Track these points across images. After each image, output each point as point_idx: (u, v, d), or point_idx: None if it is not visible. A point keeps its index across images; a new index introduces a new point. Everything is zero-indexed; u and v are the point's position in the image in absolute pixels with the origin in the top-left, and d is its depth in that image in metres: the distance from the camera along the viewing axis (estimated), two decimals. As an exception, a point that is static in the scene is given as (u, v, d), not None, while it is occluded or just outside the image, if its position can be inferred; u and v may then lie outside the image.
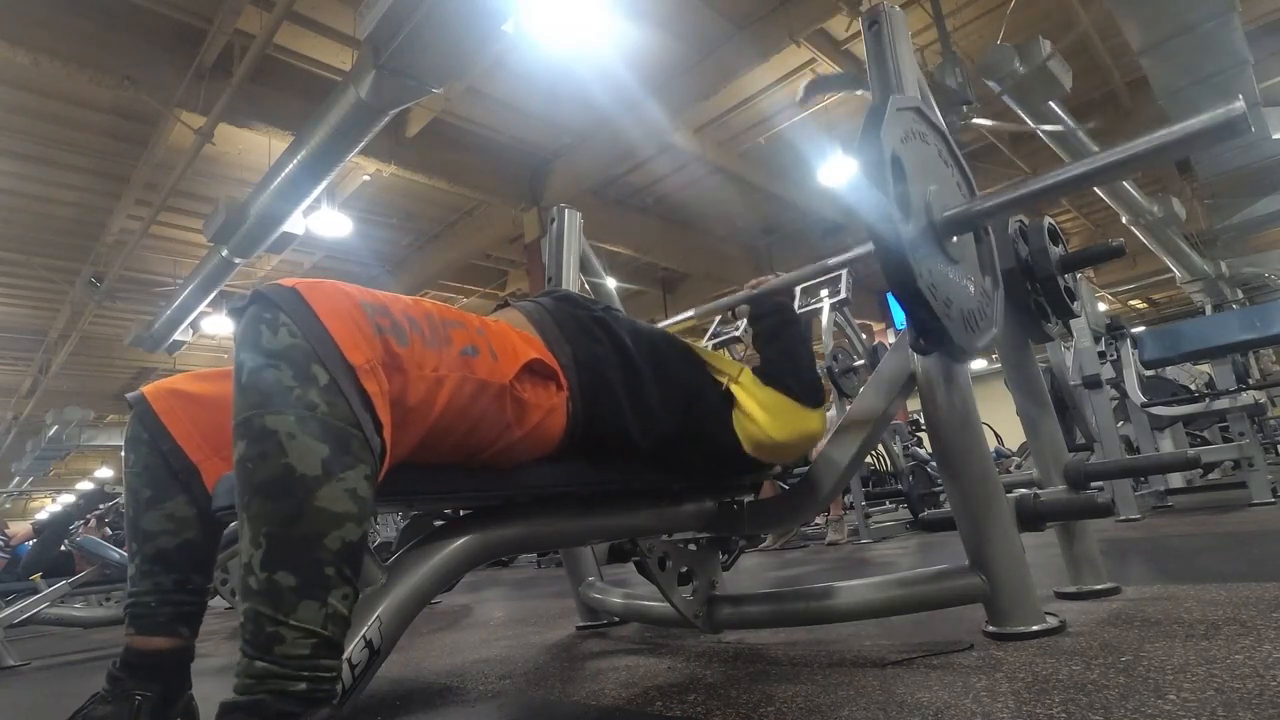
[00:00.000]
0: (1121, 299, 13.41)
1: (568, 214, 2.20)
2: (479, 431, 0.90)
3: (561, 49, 5.29)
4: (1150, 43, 4.75)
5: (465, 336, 0.88)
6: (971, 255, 1.33)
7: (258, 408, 0.70)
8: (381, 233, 8.39)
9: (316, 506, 0.69)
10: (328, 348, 0.73)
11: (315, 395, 0.70)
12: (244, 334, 0.73)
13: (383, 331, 0.78)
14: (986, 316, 1.32)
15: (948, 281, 1.19)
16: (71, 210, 7.04)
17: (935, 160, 1.30)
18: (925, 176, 1.23)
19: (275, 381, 0.70)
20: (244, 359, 0.72)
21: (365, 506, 0.72)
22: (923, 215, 1.19)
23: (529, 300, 1.19)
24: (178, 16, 4.92)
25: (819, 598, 1.39)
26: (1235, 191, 7.72)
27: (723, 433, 1.21)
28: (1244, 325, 3.68)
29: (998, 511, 1.27)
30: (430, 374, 0.82)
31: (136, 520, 0.97)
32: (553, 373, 1.00)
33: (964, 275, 1.26)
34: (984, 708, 0.87)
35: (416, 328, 0.83)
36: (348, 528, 0.70)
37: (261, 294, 0.74)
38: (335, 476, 0.70)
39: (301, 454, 0.69)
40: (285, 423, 0.69)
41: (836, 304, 4.62)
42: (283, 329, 0.71)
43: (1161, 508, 3.79)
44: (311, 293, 0.75)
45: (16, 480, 13.13)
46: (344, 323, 0.75)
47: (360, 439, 0.72)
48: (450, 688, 1.42)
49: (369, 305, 0.79)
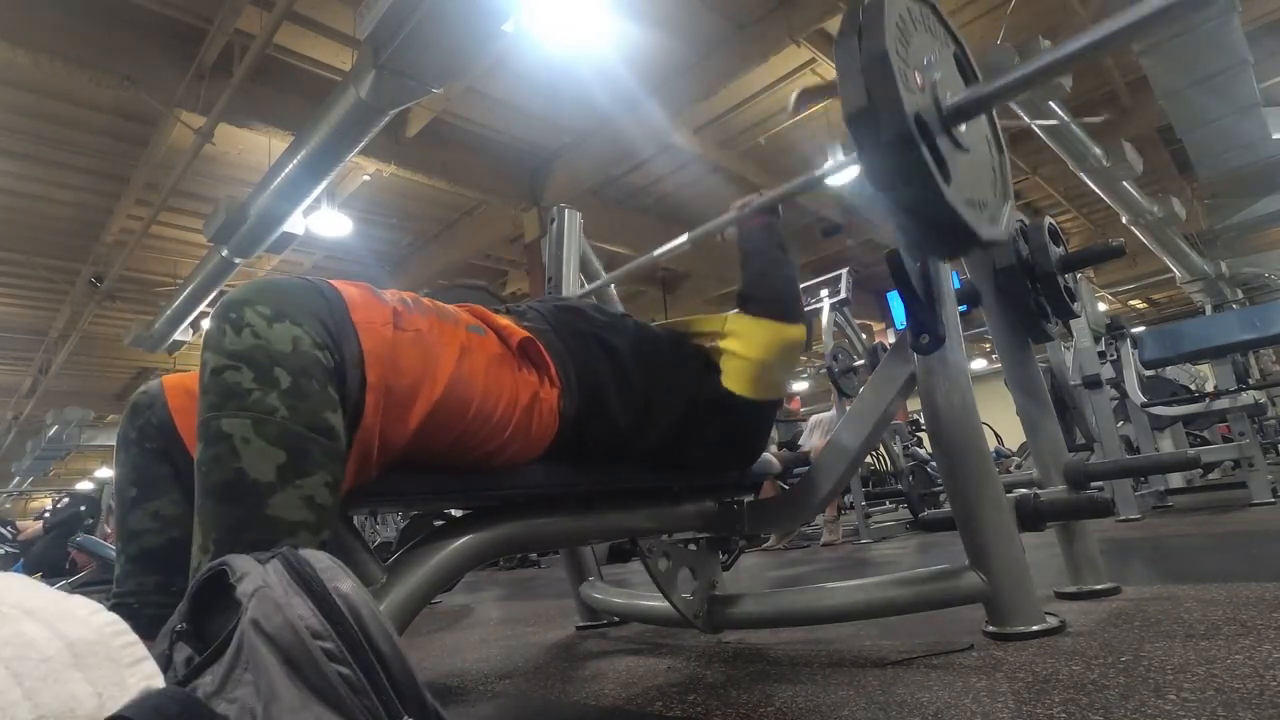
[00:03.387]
0: (1121, 299, 13.40)
1: (568, 214, 2.20)
2: (479, 416, 0.89)
3: (561, 49, 5.28)
4: (1150, 43, 4.75)
5: (470, 319, 0.95)
6: (980, 138, 1.27)
7: (215, 409, 0.69)
8: (381, 233, 8.39)
9: (268, 515, 0.67)
10: (336, 305, 0.76)
11: (275, 399, 0.69)
12: (209, 334, 0.73)
13: (389, 302, 0.83)
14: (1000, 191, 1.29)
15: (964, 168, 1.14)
16: (71, 210, 7.04)
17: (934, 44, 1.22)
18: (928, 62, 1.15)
19: (234, 383, 0.69)
20: (206, 359, 0.71)
21: (324, 514, 0.70)
22: (930, 101, 1.11)
23: (530, 307, 1.18)
24: (178, 16, 4.92)
25: (819, 598, 1.39)
26: (1235, 191, 7.71)
27: (714, 433, 1.22)
28: (1244, 325, 3.69)
29: (998, 511, 1.27)
30: (437, 338, 0.85)
31: (124, 519, 0.95)
32: (545, 364, 1.01)
33: (976, 160, 1.21)
34: (984, 708, 0.87)
35: (422, 307, 0.88)
36: (301, 536, 0.68)
37: (229, 296, 0.74)
38: (291, 483, 0.68)
39: (255, 459, 0.67)
40: (240, 426, 0.68)
41: (836, 304, 4.63)
42: (246, 329, 0.70)
43: (1161, 508, 3.79)
44: (322, 281, 0.80)
45: (16, 480, 13.13)
46: (352, 288, 0.80)
47: (324, 446, 0.71)
48: (450, 688, 1.42)
49: (375, 289, 0.84)
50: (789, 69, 6.15)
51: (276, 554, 0.52)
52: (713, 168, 7.48)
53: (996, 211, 1.24)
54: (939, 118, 1.11)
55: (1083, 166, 6.33)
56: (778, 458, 1.58)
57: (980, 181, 1.22)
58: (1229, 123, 5.49)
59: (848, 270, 4.72)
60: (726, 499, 1.45)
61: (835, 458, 1.41)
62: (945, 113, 1.12)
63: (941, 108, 1.12)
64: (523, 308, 1.14)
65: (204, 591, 0.53)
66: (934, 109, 1.10)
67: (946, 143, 1.10)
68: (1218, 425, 5.21)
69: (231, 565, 0.51)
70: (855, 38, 1.04)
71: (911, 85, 1.06)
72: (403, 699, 0.47)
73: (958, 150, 1.13)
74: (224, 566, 0.52)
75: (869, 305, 10.65)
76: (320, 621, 0.47)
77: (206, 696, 0.45)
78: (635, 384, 1.13)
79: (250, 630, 0.46)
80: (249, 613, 0.47)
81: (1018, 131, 6.69)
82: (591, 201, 7.52)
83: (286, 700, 0.44)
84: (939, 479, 3.56)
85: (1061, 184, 8.46)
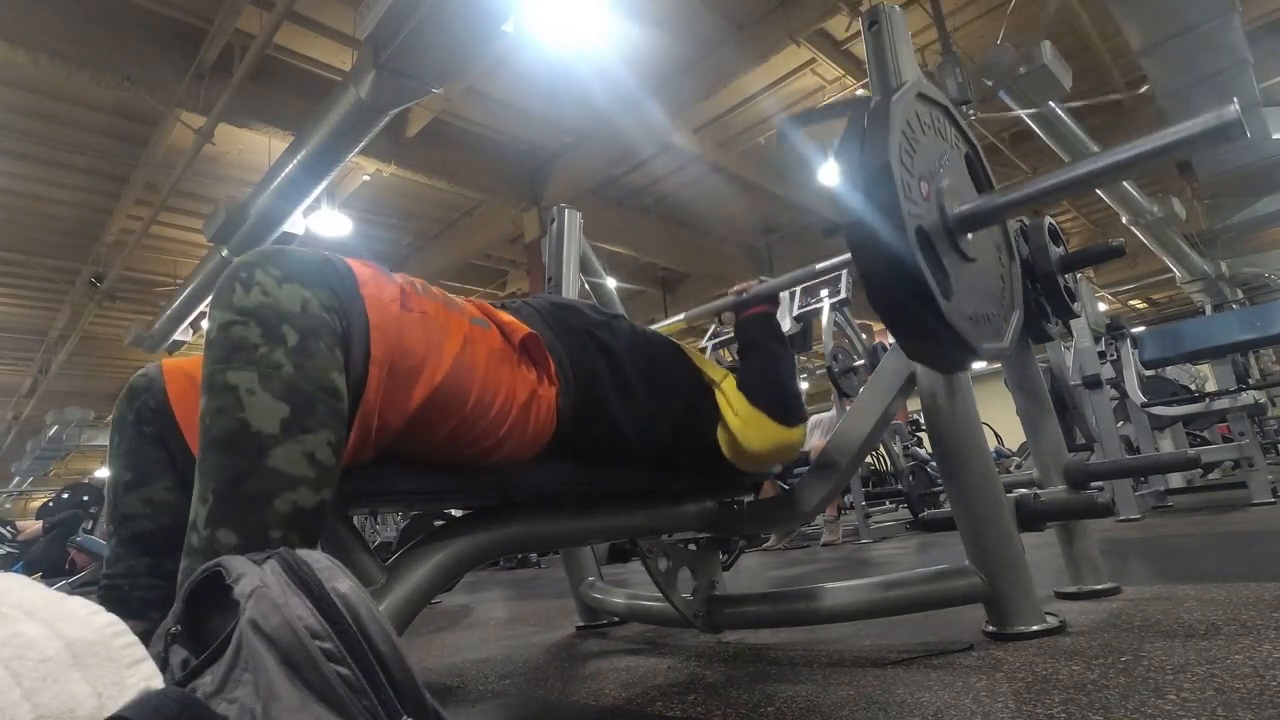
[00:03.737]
0: (1121, 299, 13.40)
1: (568, 214, 2.20)
2: (477, 408, 0.89)
3: (561, 49, 5.28)
4: (1150, 43, 4.75)
5: (476, 312, 0.96)
6: (989, 247, 1.22)
7: (221, 363, 0.69)
8: (381, 233, 8.38)
9: (269, 466, 0.67)
10: (346, 277, 0.77)
11: (281, 355, 0.69)
12: (218, 292, 0.72)
13: (397, 282, 0.84)
14: (1007, 302, 1.24)
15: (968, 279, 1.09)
16: (71, 210, 7.03)
17: (943, 149, 1.17)
18: (935, 169, 1.10)
19: (241, 338, 0.69)
20: (215, 315, 0.71)
21: (326, 474, 0.70)
22: (935, 212, 1.06)
23: (525, 303, 1.18)
24: (178, 16, 4.92)
25: (819, 598, 1.38)
26: (1235, 191, 7.72)
27: (710, 436, 1.23)
28: (1244, 325, 3.69)
29: (998, 511, 1.27)
30: (443, 324, 0.86)
31: (116, 503, 0.94)
32: (545, 362, 1.01)
33: (983, 269, 1.15)
34: (984, 708, 0.87)
35: (430, 292, 0.89)
36: (301, 491, 0.68)
37: (240, 260, 0.74)
38: (294, 437, 0.68)
39: (260, 411, 0.67)
40: (246, 379, 0.68)
41: (836, 304, 4.62)
42: (256, 287, 0.70)
43: (1161, 508, 3.79)
44: (334, 254, 0.81)
45: (16, 480, 13.13)
46: (363, 266, 0.82)
47: (329, 405, 0.70)
48: (450, 688, 1.42)
49: (384, 269, 0.86)
50: (789, 69, 6.15)
51: (273, 554, 0.52)
52: (713, 168, 7.48)
53: (1002, 324, 1.19)
54: (944, 229, 1.06)
55: (1083, 166, 6.32)
56: (778, 458, 1.57)
57: (986, 293, 1.16)
58: (1229, 123, 5.48)
59: (848, 270, 4.71)
60: (726, 499, 1.45)
61: (835, 458, 1.41)
62: (951, 222, 1.07)
63: (948, 217, 1.07)
64: (517, 304, 1.14)
65: (199, 592, 0.53)
66: (939, 219, 1.06)
67: (951, 253, 1.06)
68: (1218, 425, 5.22)
69: (227, 566, 0.51)
70: (858, 145, 1.01)
71: (915, 196, 1.01)
72: (402, 699, 0.47)
73: (963, 261, 1.09)
74: (219, 567, 0.52)
75: (869, 305, 10.63)
76: (319, 621, 0.47)
77: (206, 697, 0.45)
78: (633, 383, 1.13)
79: (249, 630, 0.46)
80: (247, 613, 0.47)
81: (1018, 131, 6.69)
82: (591, 201, 7.52)
83: (286, 700, 0.44)
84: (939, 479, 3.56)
85: (1061, 184, 8.44)
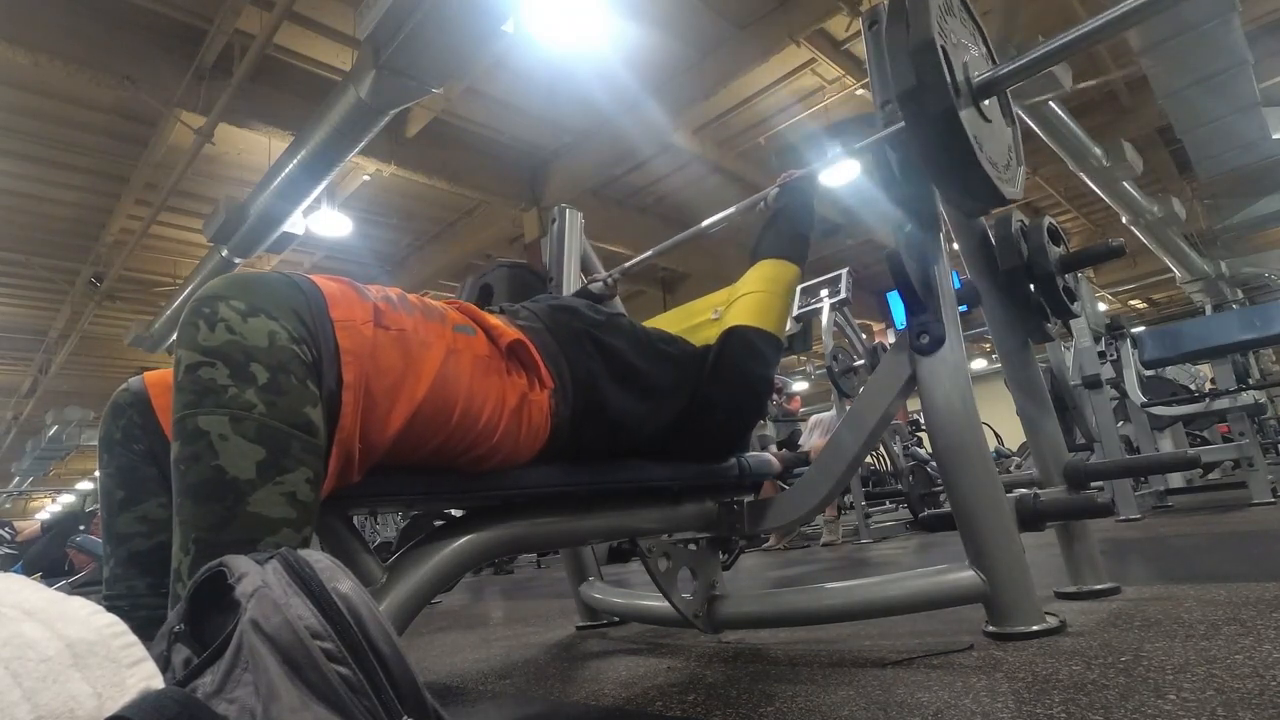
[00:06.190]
0: (1121, 299, 13.40)
1: (568, 214, 2.20)
2: (465, 420, 0.88)
3: (561, 49, 5.28)
4: (1150, 43, 4.75)
5: (460, 318, 0.93)
6: (998, 114, 1.47)
7: (191, 407, 0.67)
8: (381, 233, 8.39)
9: (249, 511, 0.66)
10: (315, 300, 0.74)
11: (252, 394, 0.67)
12: (182, 330, 0.70)
13: (371, 298, 0.81)
14: (1014, 158, 1.49)
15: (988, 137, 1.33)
16: (71, 210, 7.03)
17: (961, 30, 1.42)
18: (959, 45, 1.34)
19: (210, 380, 0.67)
20: (180, 355, 0.70)
21: (306, 511, 0.69)
22: (964, 79, 1.28)
23: (524, 305, 1.17)
24: (178, 16, 4.92)
25: (819, 598, 1.38)
26: (1235, 191, 7.72)
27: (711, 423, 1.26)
28: (1244, 325, 3.68)
29: (998, 511, 1.27)
30: (422, 338, 0.83)
31: (111, 522, 0.93)
32: (535, 365, 1.00)
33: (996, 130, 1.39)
34: (984, 708, 0.87)
35: (408, 304, 0.86)
36: (284, 534, 0.67)
37: (202, 292, 0.72)
38: (272, 480, 0.67)
39: (234, 456, 0.66)
40: (217, 423, 0.66)
41: (836, 304, 4.63)
42: (220, 324, 0.69)
43: (1161, 508, 3.79)
44: (300, 276, 0.78)
45: (16, 480, 13.13)
46: (333, 284, 0.78)
47: (304, 441, 0.69)
48: (450, 688, 1.42)
49: (358, 285, 0.83)
50: (789, 69, 6.16)
51: (275, 554, 0.52)
52: (713, 168, 7.48)
53: (1013, 175, 1.46)
54: (970, 94, 1.30)
55: (1083, 166, 6.34)
56: (778, 458, 1.58)
57: (1000, 149, 1.41)
58: (1229, 123, 5.49)
59: (848, 270, 4.72)
60: (726, 499, 1.45)
61: (835, 458, 1.41)
62: (975, 90, 1.32)
63: (972, 84, 1.31)
64: (516, 306, 1.14)
65: (202, 592, 0.53)
66: (967, 87, 1.30)
67: (975, 116, 1.29)
68: (1218, 425, 5.21)
69: (230, 566, 0.51)
70: (903, 24, 1.23)
71: (955, 66, 1.25)
72: (402, 699, 0.47)
73: (984, 122, 1.33)
74: (222, 567, 0.52)
75: (869, 305, 10.64)
76: (319, 622, 0.47)
77: (206, 697, 0.45)
78: (633, 382, 1.13)
79: (249, 630, 0.46)
80: (248, 613, 0.47)
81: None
82: (591, 201, 7.52)
83: (286, 700, 0.44)
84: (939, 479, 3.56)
85: (1061, 184, 8.46)
